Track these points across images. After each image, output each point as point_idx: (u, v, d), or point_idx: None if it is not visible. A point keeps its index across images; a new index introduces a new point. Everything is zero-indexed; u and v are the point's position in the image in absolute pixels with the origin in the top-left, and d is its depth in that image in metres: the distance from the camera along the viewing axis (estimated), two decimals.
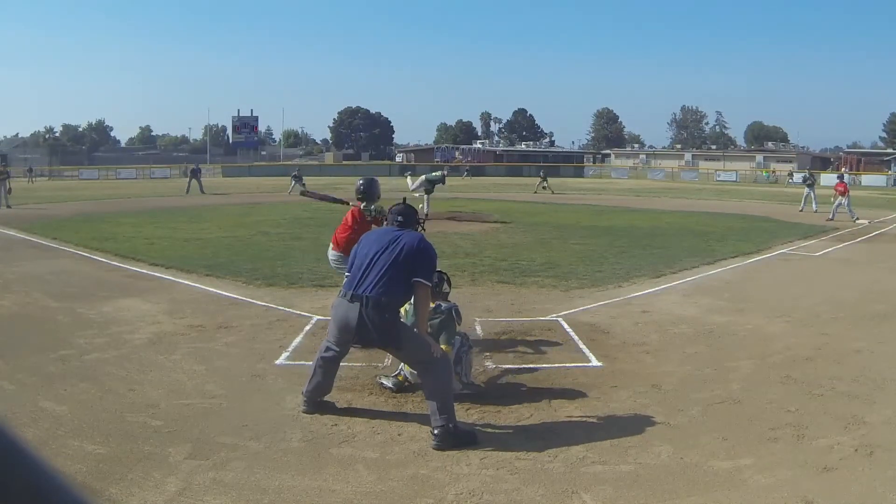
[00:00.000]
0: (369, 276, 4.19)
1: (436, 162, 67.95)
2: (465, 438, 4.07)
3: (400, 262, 4.19)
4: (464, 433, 4.11)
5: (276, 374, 5.33)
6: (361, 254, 4.36)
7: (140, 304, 7.70)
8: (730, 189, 38.92)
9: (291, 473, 3.67)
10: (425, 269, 4.26)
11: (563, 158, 72.80)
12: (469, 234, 14.82)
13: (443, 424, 4.03)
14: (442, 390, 4.16)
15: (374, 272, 4.19)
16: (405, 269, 4.19)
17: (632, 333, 6.63)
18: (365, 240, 4.52)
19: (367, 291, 4.13)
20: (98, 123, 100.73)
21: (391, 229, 4.50)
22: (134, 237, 13.96)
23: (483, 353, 5.89)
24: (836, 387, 5.13)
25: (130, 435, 4.10)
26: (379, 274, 4.17)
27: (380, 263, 4.21)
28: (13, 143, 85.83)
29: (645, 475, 3.67)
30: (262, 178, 48.30)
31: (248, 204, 23.80)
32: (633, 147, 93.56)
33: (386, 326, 4.15)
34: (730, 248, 12.75)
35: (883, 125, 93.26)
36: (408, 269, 4.19)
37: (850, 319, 7.35)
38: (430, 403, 4.14)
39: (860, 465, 3.80)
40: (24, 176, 43.02)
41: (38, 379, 5.12)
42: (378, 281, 4.15)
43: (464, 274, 9.69)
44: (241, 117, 74.80)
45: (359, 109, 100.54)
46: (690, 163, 71.07)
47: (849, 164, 61.46)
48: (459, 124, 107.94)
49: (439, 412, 4.06)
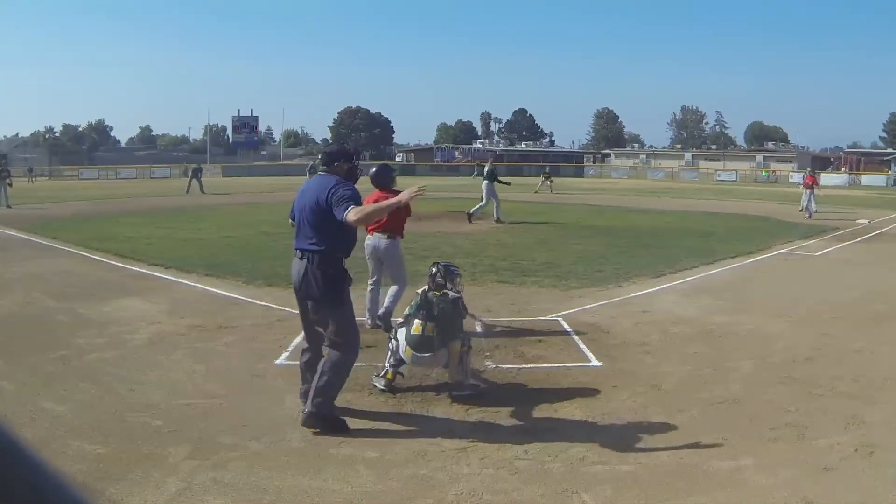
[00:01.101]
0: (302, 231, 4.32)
1: (436, 162, 67.96)
2: (336, 424, 4.20)
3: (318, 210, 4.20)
4: (335, 420, 4.24)
5: (276, 374, 5.33)
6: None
7: (140, 304, 7.70)
8: (730, 189, 38.90)
9: (291, 473, 3.67)
10: (338, 204, 4.10)
11: (563, 158, 72.73)
12: (469, 234, 14.82)
13: (313, 410, 4.16)
14: (333, 377, 4.22)
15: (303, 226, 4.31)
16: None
17: (632, 333, 6.63)
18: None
19: (304, 245, 4.25)
20: (98, 123, 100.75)
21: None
22: (134, 237, 13.96)
23: (483, 353, 5.89)
24: (836, 387, 5.12)
25: (130, 435, 4.10)
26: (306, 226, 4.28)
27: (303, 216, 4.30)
28: (13, 143, 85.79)
29: (645, 475, 3.67)
30: (262, 178, 48.27)
31: (248, 204, 23.79)
32: (633, 147, 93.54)
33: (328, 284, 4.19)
34: (730, 248, 12.74)
35: (883, 125, 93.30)
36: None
37: (850, 319, 7.35)
38: (317, 380, 4.20)
39: (860, 465, 3.80)
40: (25, 176, 42.99)
41: (38, 379, 5.12)
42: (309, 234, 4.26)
43: (464, 274, 9.68)
44: (241, 117, 74.76)
45: (359, 109, 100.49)
46: (690, 163, 71.02)
47: (849, 164, 61.47)
48: (459, 124, 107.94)
49: (316, 395, 4.17)
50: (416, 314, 4.92)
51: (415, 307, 5.00)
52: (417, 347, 4.83)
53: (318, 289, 4.20)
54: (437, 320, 4.85)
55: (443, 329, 4.84)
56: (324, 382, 4.20)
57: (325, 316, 4.29)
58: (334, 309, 4.27)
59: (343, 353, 4.27)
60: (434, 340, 4.82)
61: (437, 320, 4.85)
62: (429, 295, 5.06)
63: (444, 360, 4.87)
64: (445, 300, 5.00)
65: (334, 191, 4.14)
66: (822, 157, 72.68)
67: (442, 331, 4.84)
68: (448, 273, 5.32)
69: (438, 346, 4.82)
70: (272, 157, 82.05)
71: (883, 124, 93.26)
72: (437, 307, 4.93)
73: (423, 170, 59.96)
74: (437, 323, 4.85)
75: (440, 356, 4.85)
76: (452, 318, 4.96)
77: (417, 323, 4.86)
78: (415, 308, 4.99)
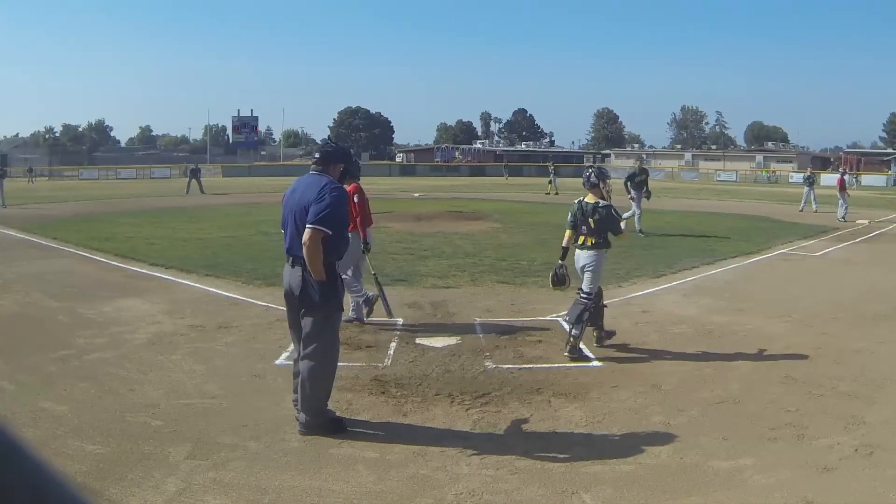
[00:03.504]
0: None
1: (436, 162, 67.95)
2: (334, 424, 4.21)
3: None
4: (332, 420, 4.25)
5: (276, 374, 5.33)
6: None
7: (140, 304, 7.70)
8: (730, 189, 38.90)
9: (291, 473, 3.67)
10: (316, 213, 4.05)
11: (563, 158, 72.75)
12: (469, 234, 14.82)
13: (309, 422, 4.15)
14: (320, 388, 4.19)
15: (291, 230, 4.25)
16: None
17: (632, 333, 6.63)
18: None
19: (299, 252, 4.15)
20: (98, 123, 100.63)
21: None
22: (134, 237, 13.96)
23: (483, 353, 5.89)
24: (836, 387, 5.13)
25: (130, 435, 4.10)
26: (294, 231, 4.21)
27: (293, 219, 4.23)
28: (13, 143, 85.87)
29: (645, 475, 3.67)
30: (262, 178, 48.27)
31: (248, 204, 23.79)
32: (633, 147, 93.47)
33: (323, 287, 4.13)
34: (730, 248, 12.74)
35: (883, 125, 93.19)
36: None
37: (850, 319, 7.35)
38: (303, 396, 4.16)
39: (860, 465, 3.80)
40: (25, 176, 43.00)
41: (38, 379, 5.12)
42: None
43: (464, 274, 9.70)
44: (241, 117, 74.75)
45: (359, 109, 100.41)
46: (690, 163, 71.04)
47: (849, 164, 61.45)
48: (459, 124, 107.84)
49: (306, 410, 4.15)
50: (578, 226, 5.91)
51: (572, 218, 5.94)
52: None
53: (318, 297, 4.10)
54: (595, 230, 5.73)
55: (601, 236, 5.72)
56: (312, 398, 4.14)
57: (317, 322, 4.17)
58: (331, 314, 4.23)
59: (325, 361, 4.18)
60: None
61: (595, 230, 5.73)
62: (583, 203, 5.92)
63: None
64: (598, 208, 5.82)
65: (321, 193, 4.09)
66: (822, 157, 72.68)
67: (600, 238, 5.73)
68: (601, 174, 6.12)
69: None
70: (272, 157, 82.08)
71: (883, 124, 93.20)
72: (593, 216, 5.81)
73: (423, 170, 59.93)
74: (597, 231, 5.72)
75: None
76: (608, 223, 5.80)
77: (582, 237, 5.90)
78: (573, 219, 5.93)
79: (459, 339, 6.34)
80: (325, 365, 4.19)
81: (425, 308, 7.62)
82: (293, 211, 4.20)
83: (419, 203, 24.86)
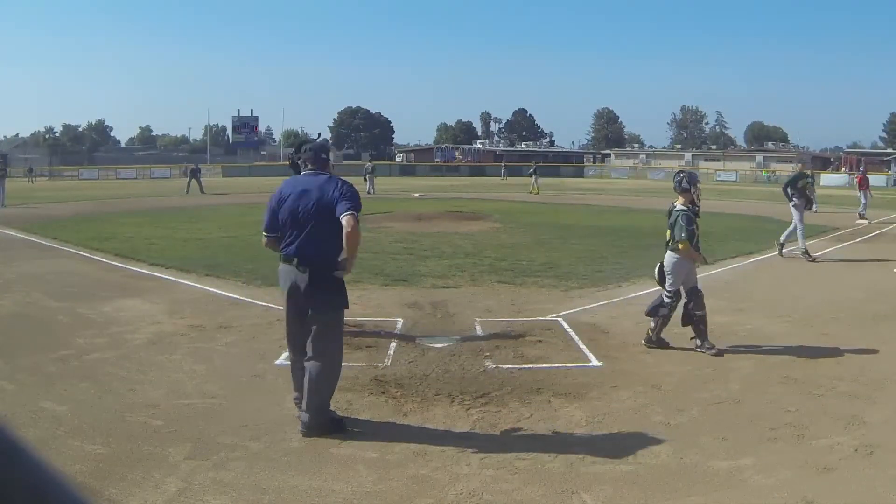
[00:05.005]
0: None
1: (436, 162, 67.95)
2: (334, 424, 4.20)
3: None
4: (333, 420, 4.24)
5: (276, 374, 5.33)
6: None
7: (140, 304, 7.70)
8: (730, 189, 38.87)
9: (291, 473, 3.67)
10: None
11: (563, 158, 72.81)
12: (469, 234, 14.82)
13: (312, 424, 4.11)
14: (325, 389, 4.19)
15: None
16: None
17: (632, 333, 6.63)
18: None
19: (309, 251, 4.13)
20: (98, 123, 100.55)
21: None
22: (134, 237, 13.96)
23: (483, 353, 5.89)
24: (836, 387, 5.12)
25: (130, 435, 4.10)
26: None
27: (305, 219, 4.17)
28: (13, 143, 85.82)
29: (645, 475, 3.67)
30: (262, 178, 48.25)
31: (248, 204, 23.78)
32: (633, 147, 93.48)
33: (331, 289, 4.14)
34: (730, 248, 12.72)
35: (883, 125, 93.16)
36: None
37: (850, 319, 7.35)
38: (309, 396, 4.14)
39: (860, 465, 3.80)
40: (25, 176, 43.00)
41: (38, 379, 5.12)
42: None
43: (464, 274, 9.70)
44: (241, 117, 74.74)
45: (359, 109, 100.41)
46: (690, 163, 70.91)
47: (849, 164, 61.43)
48: (459, 124, 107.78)
49: (310, 410, 4.12)
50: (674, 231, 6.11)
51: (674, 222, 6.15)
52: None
53: (329, 295, 4.12)
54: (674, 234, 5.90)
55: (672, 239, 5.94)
56: (318, 399, 4.15)
57: (327, 322, 4.19)
58: (337, 312, 4.25)
59: (333, 361, 4.22)
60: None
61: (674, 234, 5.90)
62: (672, 207, 6.25)
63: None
64: (674, 211, 6.13)
65: (341, 187, 4.14)
66: (823, 157, 72.69)
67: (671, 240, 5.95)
68: (692, 178, 6.43)
69: None
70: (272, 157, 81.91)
71: (883, 124, 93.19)
72: (669, 218, 6.14)
73: (422, 170, 59.91)
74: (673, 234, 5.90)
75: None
76: (674, 228, 6.06)
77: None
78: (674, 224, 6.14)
79: (459, 339, 6.35)
80: (333, 365, 4.23)
81: (425, 308, 7.62)
82: (308, 212, 4.14)
83: (419, 203, 24.87)
